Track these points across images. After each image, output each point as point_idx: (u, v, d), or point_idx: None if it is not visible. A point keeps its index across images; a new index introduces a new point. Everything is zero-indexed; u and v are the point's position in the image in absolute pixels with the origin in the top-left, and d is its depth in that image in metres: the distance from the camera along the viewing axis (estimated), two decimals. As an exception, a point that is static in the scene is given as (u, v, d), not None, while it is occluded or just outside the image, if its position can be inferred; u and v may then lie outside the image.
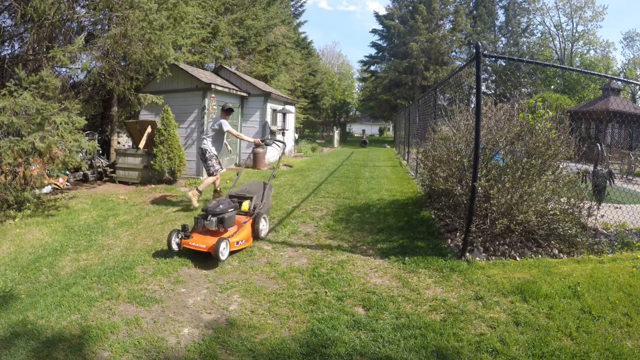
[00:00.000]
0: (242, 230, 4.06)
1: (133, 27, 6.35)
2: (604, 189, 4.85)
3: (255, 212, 4.42)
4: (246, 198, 4.60)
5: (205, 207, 4.06)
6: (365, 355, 2.35)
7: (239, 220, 4.23)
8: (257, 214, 4.39)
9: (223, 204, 4.08)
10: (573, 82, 31.36)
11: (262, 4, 19.04)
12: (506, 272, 3.40)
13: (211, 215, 3.91)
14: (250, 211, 4.43)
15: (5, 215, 5.29)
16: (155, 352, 2.39)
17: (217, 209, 3.97)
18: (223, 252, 3.61)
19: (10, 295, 3.14)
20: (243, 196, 4.63)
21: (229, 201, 4.25)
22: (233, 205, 4.24)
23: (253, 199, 4.56)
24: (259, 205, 4.55)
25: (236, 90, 11.08)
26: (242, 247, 3.99)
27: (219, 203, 4.11)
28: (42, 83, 4.97)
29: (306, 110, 29.29)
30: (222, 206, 4.05)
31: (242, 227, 4.10)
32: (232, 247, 3.79)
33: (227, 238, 3.77)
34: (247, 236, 4.10)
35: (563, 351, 2.27)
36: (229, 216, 3.96)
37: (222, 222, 3.89)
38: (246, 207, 4.46)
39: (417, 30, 29.85)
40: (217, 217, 3.90)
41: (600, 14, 34.60)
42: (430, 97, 8.15)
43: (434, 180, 5.26)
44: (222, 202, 4.14)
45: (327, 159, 15.34)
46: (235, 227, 4.07)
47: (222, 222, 3.89)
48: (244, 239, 4.02)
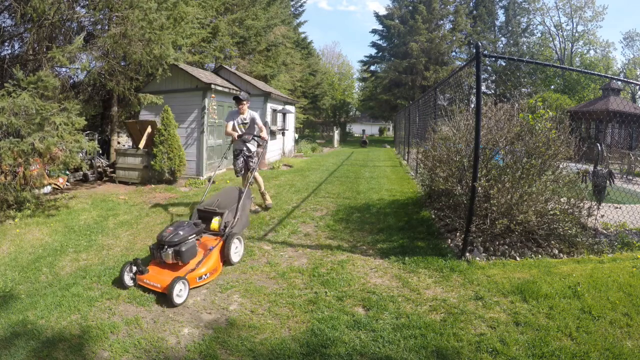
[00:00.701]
0: (207, 259, 3.38)
1: (133, 27, 6.34)
2: (604, 189, 4.85)
3: (226, 231, 3.75)
4: (216, 214, 3.91)
5: (160, 234, 3.33)
6: (365, 355, 2.35)
7: (205, 244, 3.56)
8: (228, 235, 3.70)
9: (182, 229, 3.36)
10: (573, 82, 31.36)
11: (262, 4, 19.04)
12: (506, 272, 3.40)
13: (167, 246, 3.21)
14: (220, 231, 3.78)
15: (5, 215, 5.29)
16: (155, 352, 2.39)
17: (174, 238, 3.24)
18: (179, 294, 2.95)
19: (10, 295, 3.14)
20: (213, 211, 3.94)
21: (190, 225, 3.50)
22: (196, 230, 3.50)
23: (224, 215, 3.86)
24: (231, 223, 3.86)
25: (236, 90, 11.06)
26: (208, 280, 3.31)
27: (177, 228, 3.37)
28: (41, 83, 4.96)
29: (306, 110, 29.30)
30: (181, 232, 3.31)
31: (208, 256, 3.41)
32: (194, 284, 3.17)
33: (186, 275, 3.11)
34: (213, 267, 3.41)
35: (563, 351, 2.27)
36: (187, 247, 3.24)
37: (179, 254, 3.19)
38: (216, 225, 3.80)
39: (417, 30, 29.85)
40: (174, 248, 3.20)
41: (600, 14, 34.60)
42: (430, 97, 8.15)
43: (434, 180, 5.26)
44: (180, 227, 3.40)
45: (327, 159, 15.34)
46: (199, 256, 3.38)
47: (180, 254, 3.19)
48: (210, 271, 3.34)
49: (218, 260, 3.52)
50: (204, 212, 3.99)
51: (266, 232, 4.79)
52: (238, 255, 3.83)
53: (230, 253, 3.65)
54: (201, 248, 3.50)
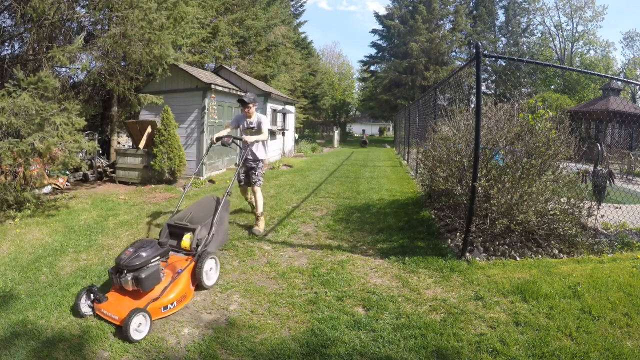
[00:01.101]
0: (175, 285, 2.88)
1: (133, 27, 6.34)
2: (604, 189, 4.85)
3: (199, 250, 3.25)
4: (187, 229, 3.41)
5: (118, 256, 2.82)
6: (365, 355, 2.35)
7: (174, 265, 3.08)
8: (201, 255, 3.18)
9: (144, 250, 2.83)
10: (573, 82, 31.37)
11: (262, 4, 19.04)
12: (506, 272, 3.40)
13: (126, 271, 2.72)
14: (192, 249, 3.28)
15: (5, 215, 5.28)
16: (155, 352, 2.39)
17: (133, 261, 2.72)
18: (138, 330, 2.51)
19: (10, 295, 3.14)
20: (184, 227, 3.43)
21: (153, 245, 2.94)
22: (160, 251, 2.93)
23: (197, 231, 3.34)
24: (205, 240, 3.34)
25: (236, 90, 11.07)
26: (175, 310, 2.83)
27: (138, 250, 2.83)
28: (41, 84, 4.95)
29: (306, 110, 29.31)
30: (142, 254, 2.79)
31: (176, 280, 2.91)
32: (157, 315, 2.71)
33: (147, 306, 2.64)
34: (182, 293, 2.90)
35: (563, 351, 2.27)
36: (148, 273, 2.73)
37: (138, 282, 2.69)
38: (187, 243, 3.31)
39: (417, 30, 29.86)
40: (133, 274, 2.70)
41: (600, 14, 34.62)
42: (430, 97, 8.15)
43: (434, 180, 5.26)
44: (142, 248, 2.86)
45: (327, 159, 15.34)
46: (165, 281, 2.89)
47: (139, 282, 2.68)
48: (177, 299, 2.84)
49: (188, 285, 3.02)
50: (175, 227, 3.48)
51: (266, 232, 4.79)
52: (212, 279, 3.29)
53: (203, 276, 3.13)
54: (169, 269, 3.02)
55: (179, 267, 3.06)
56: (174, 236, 3.50)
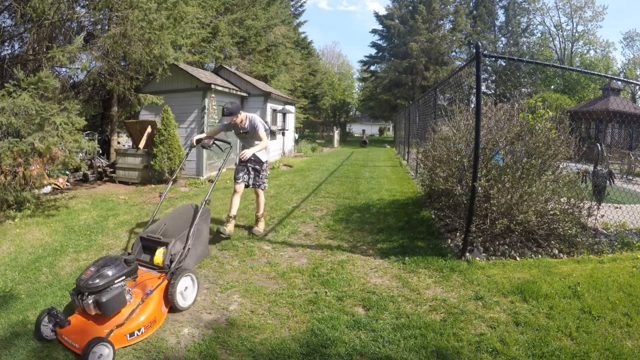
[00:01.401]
0: (144, 307, 2.54)
1: (133, 27, 6.34)
2: (604, 189, 4.85)
3: (172, 267, 2.91)
4: (161, 243, 3.06)
5: (79, 277, 2.47)
6: (365, 355, 2.35)
7: (144, 284, 2.71)
8: (175, 272, 2.83)
9: (108, 269, 2.48)
10: (573, 82, 31.37)
11: (262, 4, 19.05)
12: (506, 272, 3.40)
13: (87, 293, 2.39)
14: (165, 266, 2.94)
15: (5, 215, 5.28)
16: (155, 352, 2.39)
17: (94, 282, 2.38)
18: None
19: (10, 295, 3.14)
20: (157, 240, 3.09)
21: (118, 263, 2.57)
22: (126, 270, 2.56)
23: (170, 245, 2.99)
24: (179, 255, 3.00)
25: (236, 90, 11.08)
26: (144, 336, 2.50)
27: (101, 269, 2.48)
28: (41, 84, 4.95)
29: (306, 110, 29.31)
30: (106, 273, 2.45)
31: (146, 302, 2.57)
32: (122, 344, 2.39)
33: (109, 335, 2.32)
34: (152, 317, 2.55)
35: (563, 351, 2.27)
36: (111, 297, 2.39)
37: (100, 306, 2.36)
38: (159, 259, 2.97)
39: (417, 30, 29.86)
40: (94, 297, 2.38)
41: (600, 14, 34.63)
42: (430, 97, 8.15)
43: (434, 180, 5.26)
44: (106, 267, 2.50)
45: (327, 159, 15.34)
46: (133, 303, 2.55)
47: (101, 306, 2.35)
48: (147, 324, 2.50)
49: (159, 307, 2.65)
50: (147, 240, 3.13)
51: (266, 232, 4.79)
52: (189, 300, 2.90)
53: (177, 297, 2.76)
54: (139, 289, 2.66)
55: (149, 286, 2.69)
56: (147, 250, 3.14)
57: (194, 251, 3.27)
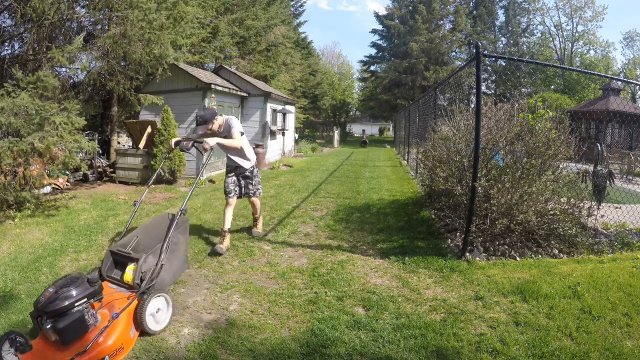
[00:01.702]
0: (109, 332, 2.23)
1: (132, 27, 6.34)
2: (604, 189, 4.85)
3: (142, 286, 2.59)
4: (131, 259, 2.73)
5: (37, 299, 2.22)
6: (365, 355, 2.35)
7: (111, 305, 2.41)
8: (145, 292, 2.56)
9: (67, 291, 2.19)
10: (573, 82, 31.38)
11: (262, 4, 19.04)
12: (506, 272, 3.40)
13: (46, 317, 2.14)
14: (135, 285, 2.61)
15: (5, 215, 5.28)
16: (155, 352, 2.39)
17: (51, 306, 2.13)
18: None
19: (10, 295, 3.13)
20: (127, 255, 2.76)
21: (80, 283, 2.27)
22: (88, 292, 2.26)
23: (141, 261, 2.66)
24: (151, 273, 2.67)
25: (236, 90, 11.08)
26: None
27: (60, 290, 2.19)
28: (40, 83, 4.95)
29: (306, 110, 29.31)
30: (65, 295, 2.17)
31: (111, 326, 2.25)
32: None
33: None
34: (118, 343, 2.25)
35: (563, 351, 2.27)
36: (69, 323, 2.10)
37: (57, 332, 2.10)
38: (129, 276, 2.66)
39: (417, 30, 29.87)
40: (52, 322, 2.12)
41: (600, 14, 34.64)
42: (430, 97, 8.15)
43: (434, 180, 5.27)
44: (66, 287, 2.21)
45: (327, 159, 15.34)
46: (97, 329, 2.23)
47: (58, 332, 2.10)
48: (111, 351, 2.20)
49: (127, 332, 2.35)
50: (118, 255, 2.82)
51: (266, 232, 4.79)
52: (161, 323, 2.59)
53: (146, 320, 2.45)
54: (106, 310, 2.37)
55: (117, 307, 2.39)
56: (119, 265, 2.82)
57: (169, 267, 2.93)
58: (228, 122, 4.07)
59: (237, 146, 4.04)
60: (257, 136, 11.91)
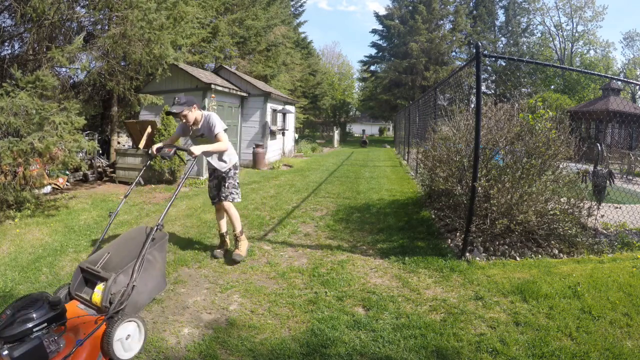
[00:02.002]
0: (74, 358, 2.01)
1: (132, 27, 6.34)
2: (604, 189, 4.85)
3: (111, 309, 2.29)
4: (101, 278, 2.46)
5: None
6: (365, 355, 2.35)
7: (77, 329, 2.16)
8: (114, 316, 2.27)
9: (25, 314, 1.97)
10: (573, 82, 31.39)
11: (262, 4, 19.04)
12: (506, 272, 3.40)
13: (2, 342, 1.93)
14: (104, 307, 2.32)
15: (5, 215, 5.28)
16: (155, 352, 2.39)
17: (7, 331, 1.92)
18: None
19: (10, 295, 3.13)
20: (96, 274, 2.49)
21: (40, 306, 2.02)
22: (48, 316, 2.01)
23: (110, 282, 2.37)
24: (121, 295, 2.37)
25: (236, 90, 11.08)
26: None
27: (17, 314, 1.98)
28: (39, 83, 4.95)
29: (306, 110, 29.30)
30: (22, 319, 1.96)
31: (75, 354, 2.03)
32: None
33: None
34: None
35: (563, 351, 2.27)
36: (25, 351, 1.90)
37: None
38: (97, 298, 2.37)
39: (417, 30, 29.88)
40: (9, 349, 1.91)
41: (600, 14, 34.65)
42: (430, 97, 8.15)
43: (434, 180, 5.27)
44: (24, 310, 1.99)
45: (327, 159, 15.34)
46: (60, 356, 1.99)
47: None
48: None
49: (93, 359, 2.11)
50: (87, 272, 2.55)
51: (266, 232, 4.79)
52: (134, 348, 2.31)
53: (114, 347, 2.17)
54: (72, 334, 2.13)
55: (82, 332, 2.14)
56: (90, 284, 2.54)
57: (143, 288, 2.63)
58: (208, 119, 3.62)
59: (225, 149, 3.61)
60: (257, 136, 11.91)
